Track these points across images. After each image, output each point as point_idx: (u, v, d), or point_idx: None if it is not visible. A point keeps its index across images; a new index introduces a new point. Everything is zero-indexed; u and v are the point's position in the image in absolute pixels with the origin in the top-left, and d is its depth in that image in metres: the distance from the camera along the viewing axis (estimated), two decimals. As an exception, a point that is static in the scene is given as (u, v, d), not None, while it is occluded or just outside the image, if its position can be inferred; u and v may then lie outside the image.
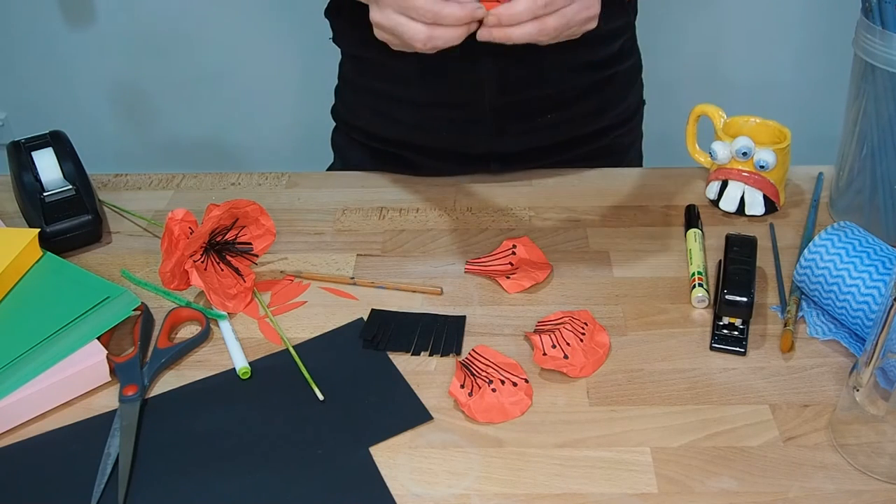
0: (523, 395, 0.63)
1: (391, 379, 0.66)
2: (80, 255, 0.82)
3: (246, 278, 0.75)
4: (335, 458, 0.59)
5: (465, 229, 0.84)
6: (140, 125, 1.86)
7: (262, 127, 1.85)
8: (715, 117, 0.85)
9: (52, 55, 1.76)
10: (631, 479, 0.57)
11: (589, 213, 0.86)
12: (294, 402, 0.64)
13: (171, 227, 0.71)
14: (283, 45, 1.72)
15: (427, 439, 0.61)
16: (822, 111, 1.40)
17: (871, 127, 0.75)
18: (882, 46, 0.71)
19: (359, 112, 0.98)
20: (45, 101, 1.82)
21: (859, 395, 0.57)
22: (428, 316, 0.72)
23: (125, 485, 0.57)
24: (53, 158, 0.85)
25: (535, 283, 0.75)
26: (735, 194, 0.84)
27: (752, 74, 1.71)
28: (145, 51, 1.74)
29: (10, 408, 0.62)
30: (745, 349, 0.67)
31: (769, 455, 0.59)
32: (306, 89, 1.77)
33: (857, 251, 0.67)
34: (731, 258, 0.72)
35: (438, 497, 0.56)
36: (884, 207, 0.77)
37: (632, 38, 0.96)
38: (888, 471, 0.57)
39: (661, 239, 0.82)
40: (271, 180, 0.94)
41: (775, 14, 1.65)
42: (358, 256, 0.80)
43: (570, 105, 0.92)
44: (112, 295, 0.70)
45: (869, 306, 0.64)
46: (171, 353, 0.68)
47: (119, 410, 0.63)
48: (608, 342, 0.68)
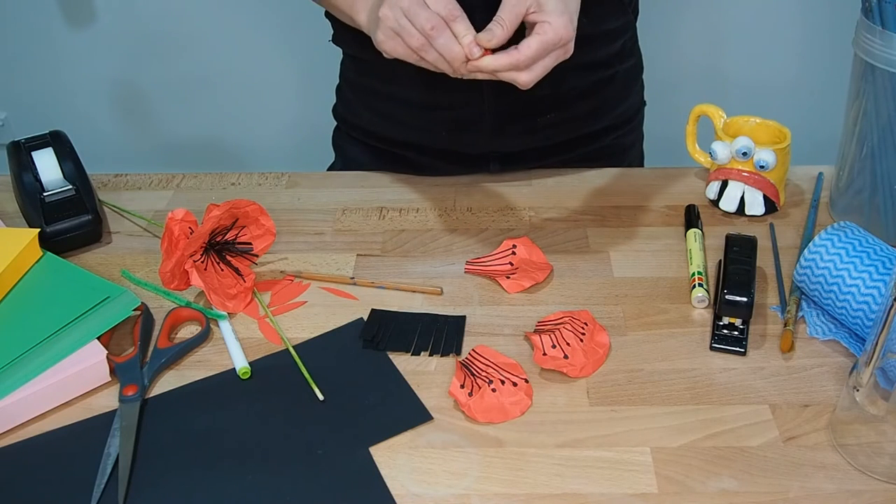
0: (523, 395, 0.63)
1: (391, 379, 0.66)
2: (80, 255, 0.82)
3: (246, 278, 0.75)
4: (335, 458, 0.59)
5: (465, 229, 0.84)
6: (140, 125, 1.86)
7: (262, 127, 1.85)
8: (715, 117, 0.85)
9: (52, 55, 1.76)
10: (631, 479, 0.57)
11: (589, 213, 0.86)
12: (294, 402, 0.64)
13: (171, 227, 0.71)
14: (283, 45, 1.72)
15: (427, 439, 0.61)
16: (822, 111, 1.40)
17: (871, 127, 0.75)
18: (882, 46, 0.71)
19: (359, 111, 0.98)
20: (45, 101, 1.82)
21: (859, 395, 0.57)
22: (428, 316, 0.72)
23: (125, 485, 0.57)
24: (53, 158, 0.85)
25: (535, 283, 0.75)
26: (735, 194, 0.84)
27: (752, 74, 1.71)
28: (145, 51, 1.74)
29: (10, 408, 0.62)
30: (745, 349, 0.67)
31: (769, 455, 0.59)
32: (306, 89, 1.77)
33: (857, 251, 0.67)
34: (731, 258, 0.72)
35: (438, 497, 0.56)
36: (884, 207, 0.77)
37: (632, 38, 0.96)
38: (888, 471, 0.57)
39: (661, 239, 0.82)
40: (271, 180, 0.94)
41: (775, 14, 1.65)
42: (358, 256, 0.80)
43: (570, 105, 0.92)
44: (112, 295, 0.70)
45: (869, 306, 0.64)
46: (171, 353, 0.68)
47: (119, 410, 0.63)
48: (608, 342, 0.68)
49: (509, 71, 0.66)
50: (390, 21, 0.66)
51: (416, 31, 0.65)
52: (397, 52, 0.68)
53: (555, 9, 0.65)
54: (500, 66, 0.65)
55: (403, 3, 0.65)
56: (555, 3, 0.65)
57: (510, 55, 0.65)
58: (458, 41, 0.65)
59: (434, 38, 0.65)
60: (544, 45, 0.64)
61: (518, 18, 0.65)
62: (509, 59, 0.65)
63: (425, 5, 0.65)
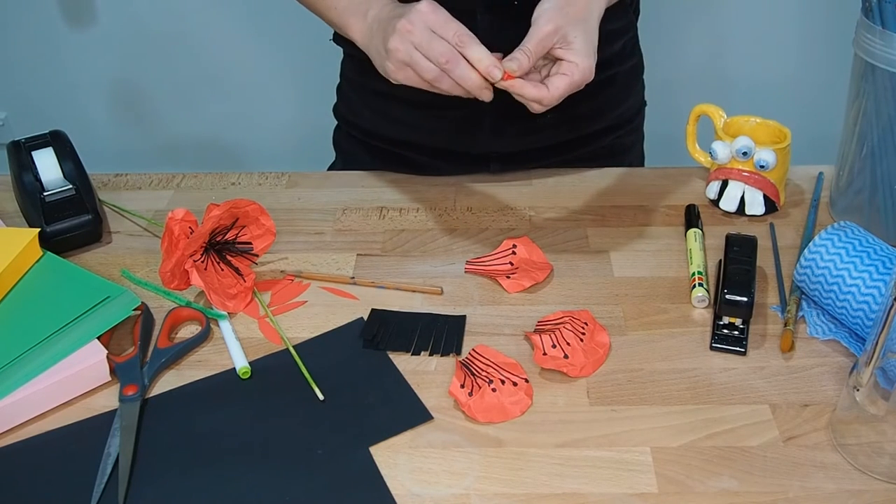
0: (523, 395, 0.63)
1: (391, 379, 0.66)
2: (80, 254, 0.82)
3: (246, 278, 0.75)
4: (335, 458, 0.59)
5: (465, 229, 0.84)
6: (140, 125, 1.86)
7: (262, 127, 1.85)
8: (715, 117, 0.85)
9: (52, 55, 1.76)
10: (631, 479, 0.57)
11: (589, 213, 0.86)
12: (294, 402, 0.64)
13: (172, 226, 0.71)
14: (284, 45, 1.72)
15: (427, 439, 0.61)
16: (822, 111, 1.40)
17: (871, 127, 0.75)
18: (882, 46, 0.71)
19: (360, 111, 0.98)
20: (45, 101, 1.82)
21: (859, 394, 0.57)
22: (428, 316, 0.72)
23: (125, 484, 0.57)
24: (53, 158, 0.85)
25: (535, 283, 0.75)
26: (735, 194, 0.84)
27: (752, 74, 1.71)
28: (145, 51, 1.74)
29: (10, 408, 0.62)
30: (746, 349, 0.67)
31: (769, 455, 0.59)
32: (306, 89, 1.76)
33: (857, 251, 0.67)
34: (732, 258, 0.72)
35: (438, 497, 0.56)
36: (884, 207, 0.77)
37: (633, 38, 0.96)
38: (888, 471, 0.57)
39: (661, 239, 0.82)
40: (271, 180, 0.94)
41: (775, 14, 1.65)
42: (358, 256, 0.80)
43: (571, 105, 0.91)
44: (112, 295, 0.70)
45: (869, 306, 0.64)
46: (171, 353, 0.68)
47: (119, 410, 0.63)
48: (608, 342, 0.68)
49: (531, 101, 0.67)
50: (401, 54, 0.67)
51: (430, 65, 0.66)
52: (409, 82, 0.68)
53: (582, 49, 0.66)
54: (527, 94, 0.66)
55: (415, 38, 0.65)
56: (582, 44, 0.66)
57: (538, 89, 0.66)
58: (475, 66, 0.65)
59: (450, 70, 0.65)
60: (571, 86, 0.66)
61: (544, 51, 0.67)
62: (538, 93, 0.66)
63: (436, 36, 0.65)
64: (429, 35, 0.65)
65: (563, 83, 0.66)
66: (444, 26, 0.65)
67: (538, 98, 0.66)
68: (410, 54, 0.66)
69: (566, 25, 0.66)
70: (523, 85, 0.66)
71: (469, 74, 0.65)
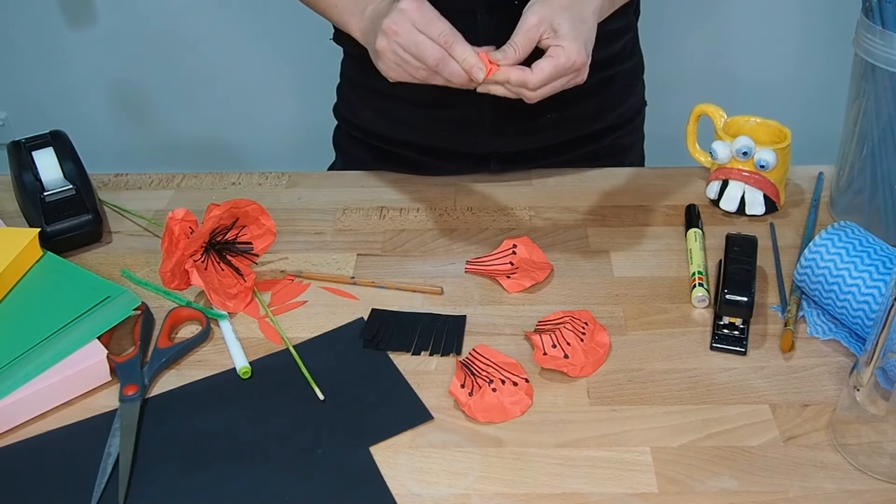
0: (523, 395, 0.63)
1: (391, 379, 0.66)
2: (80, 254, 0.82)
3: (246, 278, 0.75)
4: (335, 457, 0.59)
5: (465, 229, 0.84)
6: (140, 125, 1.86)
7: (262, 127, 1.84)
8: (715, 117, 0.85)
9: (52, 55, 1.76)
10: (631, 479, 0.57)
11: (589, 213, 0.86)
12: (294, 402, 0.64)
13: (172, 226, 0.71)
14: (284, 45, 1.72)
15: (427, 439, 0.61)
16: (822, 111, 1.40)
17: (871, 127, 0.75)
18: (882, 46, 0.71)
19: (360, 111, 0.98)
20: (45, 101, 1.82)
21: (859, 394, 0.57)
22: (428, 316, 0.72)
23: (125, 484, 0.57)
24: (54, 158, 0.85)
25: (536, 283, 0.75)
26: (735, 194, 0.84)
27: (752, 74, 1.71)
28: (145, 51, 1.74)
29: (10, 408, 0.62)
30: (746, 349, 0.67)
31: (769, 455, 0.59)
32: (306, 89, 1.76)
33: (857, 251, 0.67)
34: (732, 258, 0.72)
35: (438, 497, 0.56)
36: (884, 207, 0.77)
37: (634, 38, 0.96)
38: (888, 471, 0.57)
39: (661, 239, 0.82)
40: (271, 180, 0.94)
41: (775, 14, 1.65)
42: (358, 256, 0.80)
43: (571, 105, 0.92)
44: (112, 295, 0.70)
45: (869, 306, 0.64)
46: (171, 353, 0.68)
47: (119, 410, 0.63)
48: (608, 342, 0.68)
49: (519, 87, 0.67)
50: (390, 55, 0.68)
51: (419, 64, 0.67)
52: (403, 79, 0.69)
53: (568, 34, 0.66)
54: (512, 77, 0.66)
55: (401, 40, 0.66)
56: (568, 29, 0.66)
57: (523, 72, 0.66)
58: (460, 65, 0.66)
59: (440, 70, 0.66)
60: (556, 68, 0.66)
61: (532, 43, 0.67)
62: (522, 75, 0.66)
63: (423, 36, 0.65)
64: (415, 36, 0.65)
65: (548, 65, 0.66)
66: (429, 26, 0.65)
67: (523, 80, 0.66)
68: (399, 54, 0.67)
69: (551, 15, 0.66)
70: (507, 70, 0.66)
71: (459, 71, 0.66)
